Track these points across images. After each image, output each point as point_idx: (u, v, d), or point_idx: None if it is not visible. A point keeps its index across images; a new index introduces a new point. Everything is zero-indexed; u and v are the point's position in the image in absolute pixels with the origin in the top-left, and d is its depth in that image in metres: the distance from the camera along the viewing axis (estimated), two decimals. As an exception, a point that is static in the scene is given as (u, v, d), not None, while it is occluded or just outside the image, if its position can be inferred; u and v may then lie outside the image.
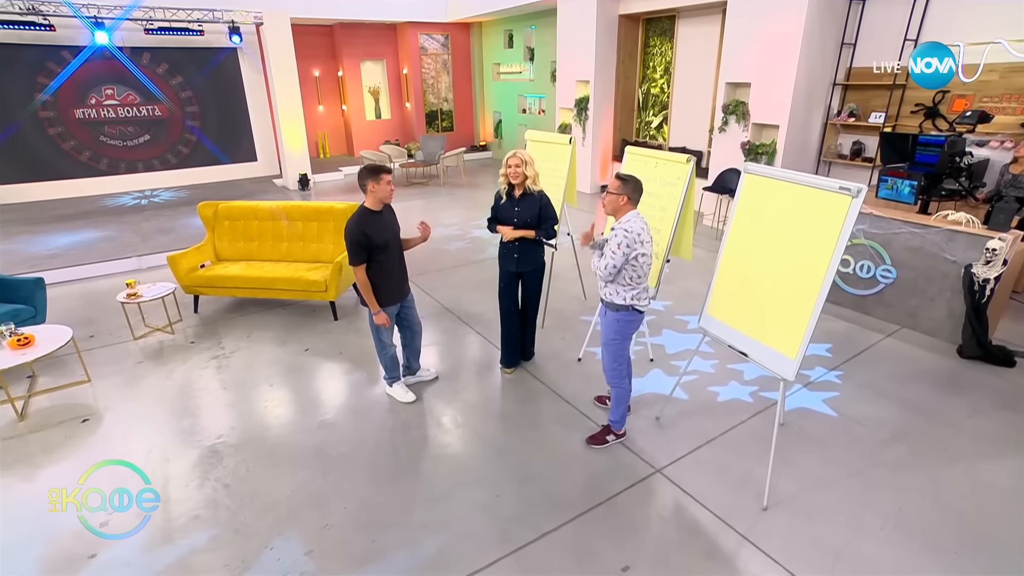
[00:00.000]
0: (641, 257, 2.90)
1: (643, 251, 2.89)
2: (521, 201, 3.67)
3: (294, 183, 11.01)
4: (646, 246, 2.90)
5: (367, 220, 3.32)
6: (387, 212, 3.47)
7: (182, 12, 9.48)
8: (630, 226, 2.88)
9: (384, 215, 3.42)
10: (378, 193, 3.32)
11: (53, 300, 5.59)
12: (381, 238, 3.34)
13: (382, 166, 3.37)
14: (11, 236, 7.75)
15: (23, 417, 3.80)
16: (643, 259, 2.91)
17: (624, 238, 2.86)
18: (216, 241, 5.56)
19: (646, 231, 2.92)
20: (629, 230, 2.87)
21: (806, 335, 2.66)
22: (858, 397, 3.83)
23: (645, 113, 9.84)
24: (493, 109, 14.49)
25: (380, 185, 3.31)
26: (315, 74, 13.64)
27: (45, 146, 9.86)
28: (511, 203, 3.70)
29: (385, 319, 3.48)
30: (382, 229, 3.36)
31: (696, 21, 8.48)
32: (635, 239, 2.85)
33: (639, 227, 2.89)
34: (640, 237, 2.87)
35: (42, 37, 9.06)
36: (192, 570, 2.58)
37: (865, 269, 5.03)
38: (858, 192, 2.46)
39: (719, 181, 7.29)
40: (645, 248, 2.90)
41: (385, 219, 3.43)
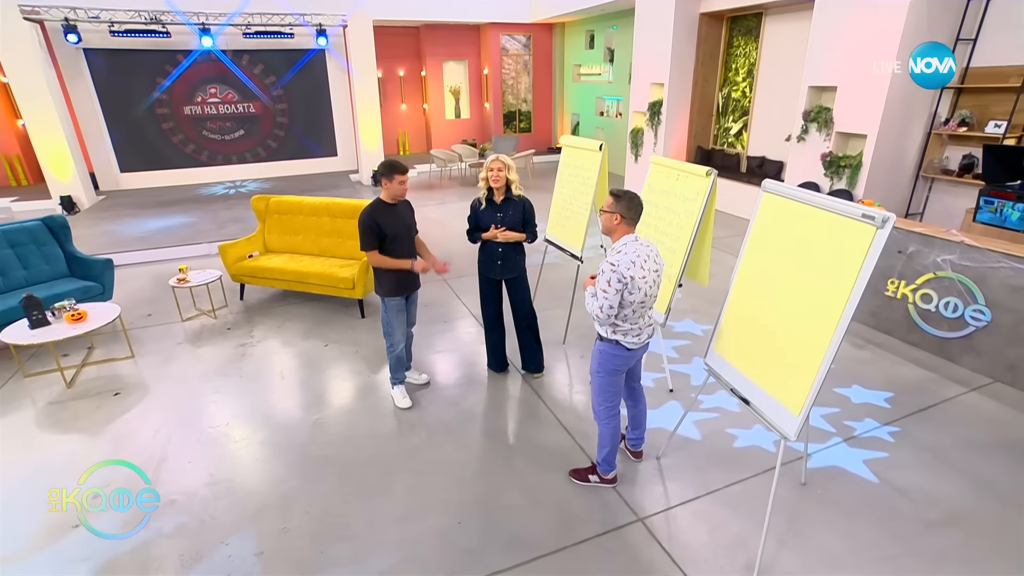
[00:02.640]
0: (635, 292, 2.52)
1: (635, 286, 2.50)
2: (504, 207, 3.63)
3: (368, 178, 11.48)
4: (638, 280, 2.50)
5: (380, 211, 3.41)
6: (403, 207, 3.54)
7: (276, 16, 10.18)
8: (619, 258, 2.51)
9: (399, 209, 3.50)
10: (391, 190, 3.42)
11: (128, 279, 6.20)
12: (391, 229, 3.41)
13: (398, 166, 3.39)
14: (118, 218, 8.73)
15: (71, 385, 4.19)
16: (636, 294, 2.52)
17: (612, 273, 2.48)
18: (266, 233, 5.86)
19: (643, 258, 2.52)
20: (616, 263, 2.49)
21: (812, 389, 2.23)
22: (912, 462, 3.21)
23: (724, 119, 9.13)
24: (572, 111, 14.21)
25: (392, 184, 3.40)
26: (399, 74, 14.13)
27: (158, 139, 11.09)
28: (493, 209, 3.65)
29: (424, 265, 3.52)
30: (393, 221, 3.43)
31: (785, 18, 7.70)
32: (624, 272, 2.48)
33: (631, 257, 2.50)
34: (631, 272, 2.48)
35: (160, 43, 10.17)
36: (148, 555, 2.67)
37: (951, 307, 4.25)
38: (884, 222, 2.01)
39: (793, 195, 6.55)
40: (638, 282, 2.50)
41: (399, 212, 3.49)
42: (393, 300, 3.58)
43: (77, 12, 9.11)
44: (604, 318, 2.57)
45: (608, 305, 2.51)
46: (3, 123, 10.75)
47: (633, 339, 2.66)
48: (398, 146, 14.62)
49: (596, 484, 3.03)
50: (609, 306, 2.52)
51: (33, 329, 4.13)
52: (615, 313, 2.55)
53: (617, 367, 2.73)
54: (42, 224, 5.24)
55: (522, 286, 3.90)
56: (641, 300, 2.56)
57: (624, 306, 2.56)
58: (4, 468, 3.30)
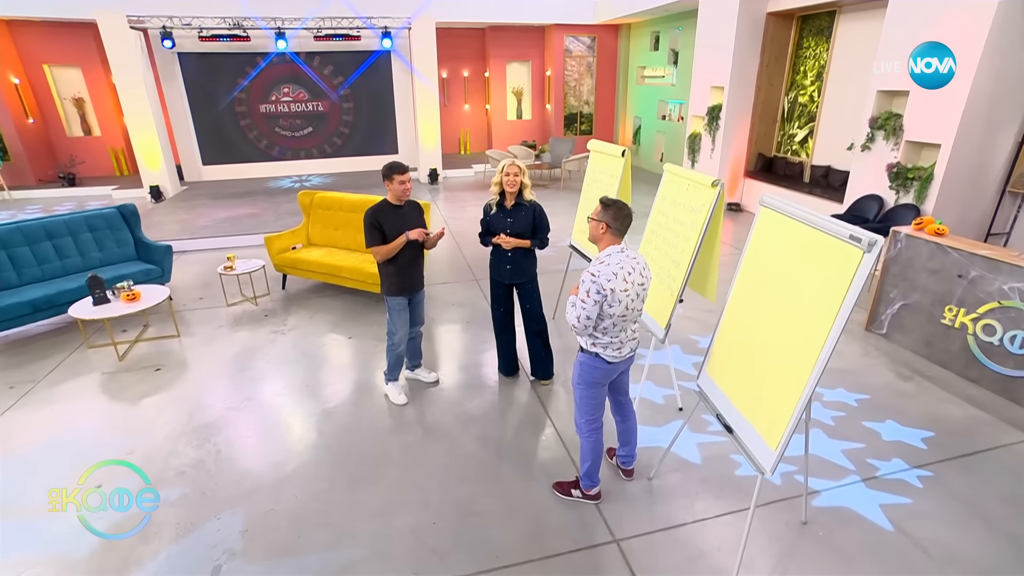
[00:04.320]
0: (615, 304, 2.43)
1: (615, 299, 2.41)
2: (514, 212, 3.61)
3: (425, 177, 11.81)
4: (618, 293, 2.41)
5: (383, 211, 3.50)
6: (410, 208, 3.61)
7: (344, 20, 10.68)
8: (600, 268, 2.43)
9: (404, 210, 3.56)
10: (393, 190, 3.48)
11: (190, 264, 6.74)
12: (394, 230, 3.46)
13: (397, 166, 3.47)
14: (193, 207, 9.51)
15: (122, 358, 4.61)
16: (616, 307, 2.43)
17: (592, 284, 2.41)
18: (309, 227, 6.17)
19: (626, 270, 2.43)
20: (597, 273, 2.41)
21: (791, 422, 2.05)
22: (939, 512, 2.88)
23: (789, 125, 8.57)
24: (634, 114, 13.88)
25: (393, 184, 3.47)
26: (464, 74, 14.39)
27: (236, 135, 11.98)
28: (503, 214, 3.64)
29: (419, 233, 3.46)
30: (397, 222, 3.49)
31: (860, 16, 7.13)
32: (604, 284, 2.40)
33: (613, 268, 2.42)
34: (611, 284, 2.40)
35: (241, 46, 10.98)
36: (151, 522, 2.89)
37: (1019, 342, 3.77)
38: (871, 245, 1.81)
39: (853, 209, 6.06)
40: (618, 294, 2.41)
41: (404, 214, 3.55)
42: (395, 299, 3.65)
43: (173, 20, 10.01)
44: (581, 328, 2.50)
45: (585, 316, 2.44)
46: (112, 120, 12.00)
47: (613, 352, 2.57)
48: (459, 145, 14.91)
49: (578, 499, 2.96)
50: (587, 317, 2.45)
51: (96, 306, 4.60)
52: (592, 324, 2.48)
53: (597, 379, 2.65)
54: (116, 212, 5.81)
55: (532, 291, 3.87)
56: (622, 313, 2.47)
57: (604, 318, 2.48)
58: (50, 426, 3.70)
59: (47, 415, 3.85)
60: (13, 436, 3.63)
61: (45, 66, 11.45)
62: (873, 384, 4.06)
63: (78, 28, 10.91)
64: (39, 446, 3.52)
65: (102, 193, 10.88)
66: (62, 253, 5.40)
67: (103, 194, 10.83)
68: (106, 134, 12.19)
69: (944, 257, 4.25)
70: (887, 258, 4.65)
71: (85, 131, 12.16)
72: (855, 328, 4.84)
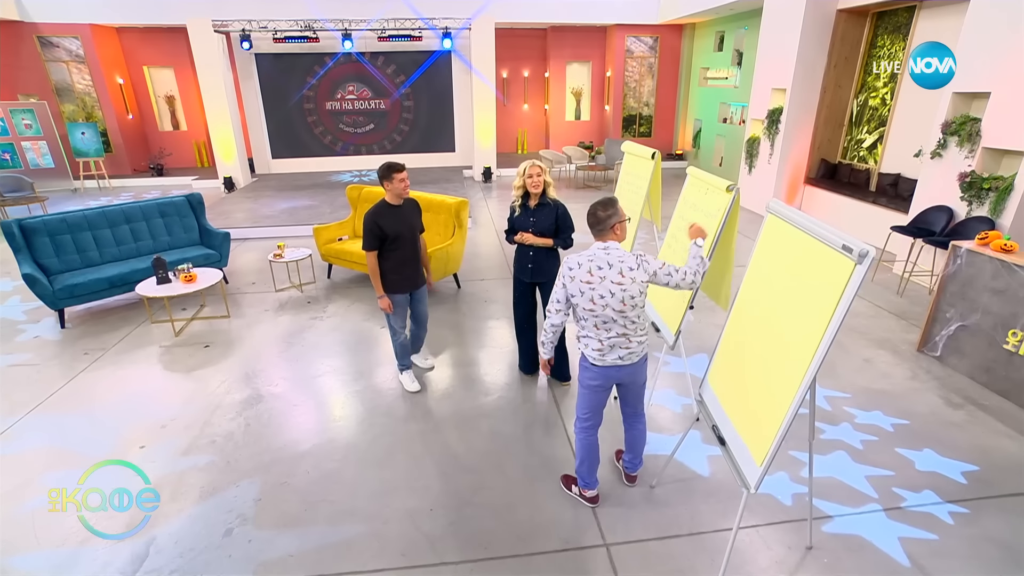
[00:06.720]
0: (577, 296, 2.48)
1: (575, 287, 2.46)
2: (537, 211, 3.64)
3: (479, 175, 12.02)
4: (579, 283, 2.44)
5: (383, 212, 3.55)
6: (407, 206, 3.66)
7: (407, 21, 11.05)
8: (574, 257, 2.50)
9: (403, 209, 3.62)
10: (393, 189, 3.52)
11: (249, 251, 7.23)
12: (393, 230, 3.54)
13: (395, 165, 3.51)
14: (259, 198, 10.16)
15: (178, 335, 5.04)
16: (579, 298, 2.47)
17: (566, 272, 2.51)
18: (356, 220, 6.46)
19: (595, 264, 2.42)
20: (570, 260, 2.50)
21: (777, 438, 1.97)
22: (967, 553, 2.65)
23: (857, 129, 8.04)
24: (695, 117, 13.46)
25: (393, 183, 3.51)
26: (524, 74, 14.49)
27: (303, 130, 12.69)
28: (526, 213, 3.68)
29: (388, 304, 3.68)
30: (396, 222, 3.56)
31: (942, 12, 6.58)
32: (566, 269, 2.49)
33: (582, 259, 2.46)
34: (573, 272, 2.46)
35: (311, 47, 11.60)
36: (181, 481, 3.16)
37: (1090, 375, 3.39)
38: (862, 256, 1.71)
39: (917, 221, 5.62)
40: (579, 284, 2.44)
41: (403, 213, 3.61)
42: (396, 296, 3.73)
43: (251, 23, 10.75)
44: (553, 310, 2.58)
45: (556, 300, 2.55)
46: (197, 115, 13.04)
47: (593, 352, 2.57)
48: (517, 144, 15.03)
49: (576, 497, 2.96)
50: (556, 300, 2.55)
51: (159, 285, 5.04)
52: (562, 309, 2.56)
53: (587, 380, 2.65)
54: (185, 200, 6.33)
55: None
56: (589, 308, 2.47)
57: (576, 307, 2.53)
58: (111, 391, 4.11)
59: (111, 381, 4.27)
60: (83, 395, 4.07)
61: (144, 67, 12.62)
62: (916, 410, 3.76)
63: (172, 32, 11.96)
64: (105, 404, 3.93)
65: (184, 182, 11.85)
66: (137, 236, 5.95)
67: (184, 183, 11.79)
68: (191, 128, 13.27)
69: (1011, 276, 3.88)
70: (944, 274, 4.30)
71: (174, 126, 13.30)
72: (906, 348, 4.48)
